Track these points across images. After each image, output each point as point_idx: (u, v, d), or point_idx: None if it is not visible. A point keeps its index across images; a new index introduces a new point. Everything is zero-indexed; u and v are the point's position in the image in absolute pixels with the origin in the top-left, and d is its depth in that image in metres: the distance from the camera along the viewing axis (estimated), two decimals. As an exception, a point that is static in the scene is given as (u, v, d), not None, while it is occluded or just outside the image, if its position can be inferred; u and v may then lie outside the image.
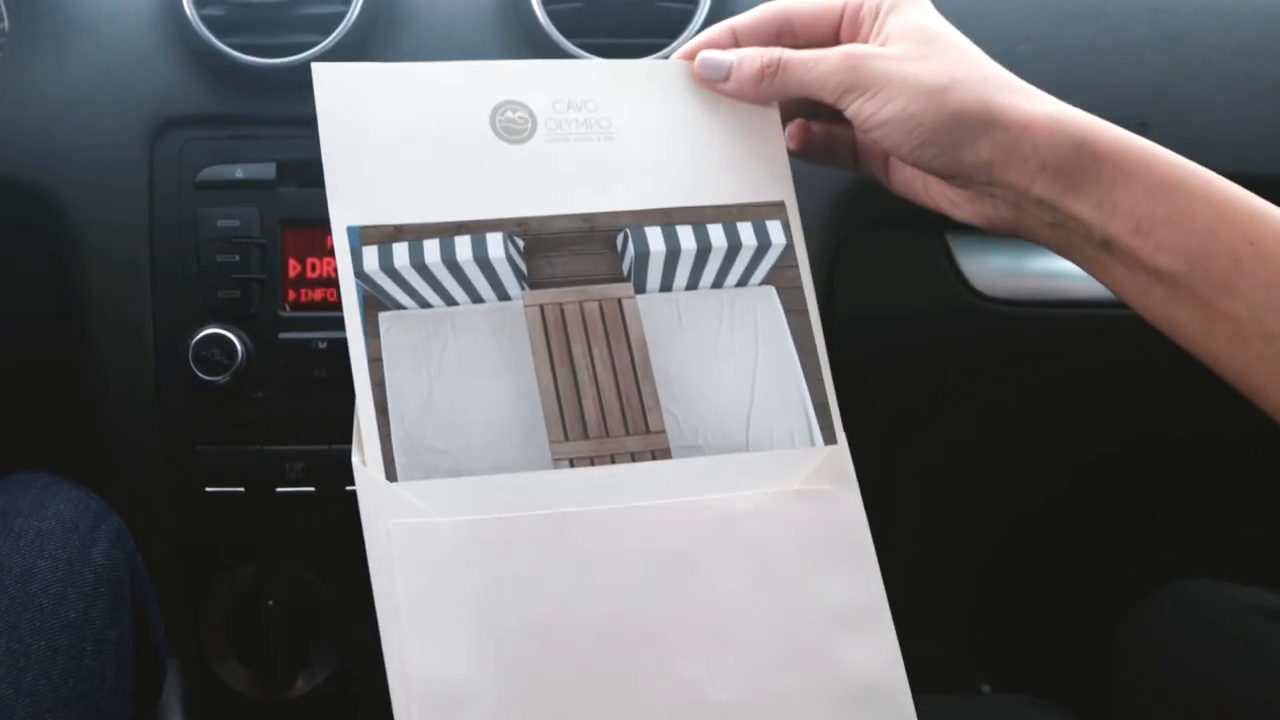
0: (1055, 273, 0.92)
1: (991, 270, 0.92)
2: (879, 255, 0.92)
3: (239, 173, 0.84)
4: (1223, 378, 0.51)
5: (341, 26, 0.82)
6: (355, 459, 0.51)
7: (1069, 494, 1.15)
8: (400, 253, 0.54)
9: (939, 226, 0.92)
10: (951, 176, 0.54)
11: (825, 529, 0.54)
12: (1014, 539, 1.17)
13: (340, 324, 0.53)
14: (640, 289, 0.56)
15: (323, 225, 0.54)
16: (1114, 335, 0.92)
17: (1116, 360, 0.97)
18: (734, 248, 0.57)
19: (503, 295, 0.55)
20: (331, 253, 0.54)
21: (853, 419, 0.57)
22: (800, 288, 0.58)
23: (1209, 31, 0.89)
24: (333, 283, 0.83)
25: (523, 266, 0.55)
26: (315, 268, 0.84)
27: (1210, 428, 1.04)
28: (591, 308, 0.56)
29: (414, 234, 0.54)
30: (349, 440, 0.52)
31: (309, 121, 0.54)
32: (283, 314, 0.84)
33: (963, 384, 1.02)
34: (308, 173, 0.82)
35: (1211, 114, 0.87)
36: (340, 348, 0.54)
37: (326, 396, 0.83)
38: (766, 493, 0.54)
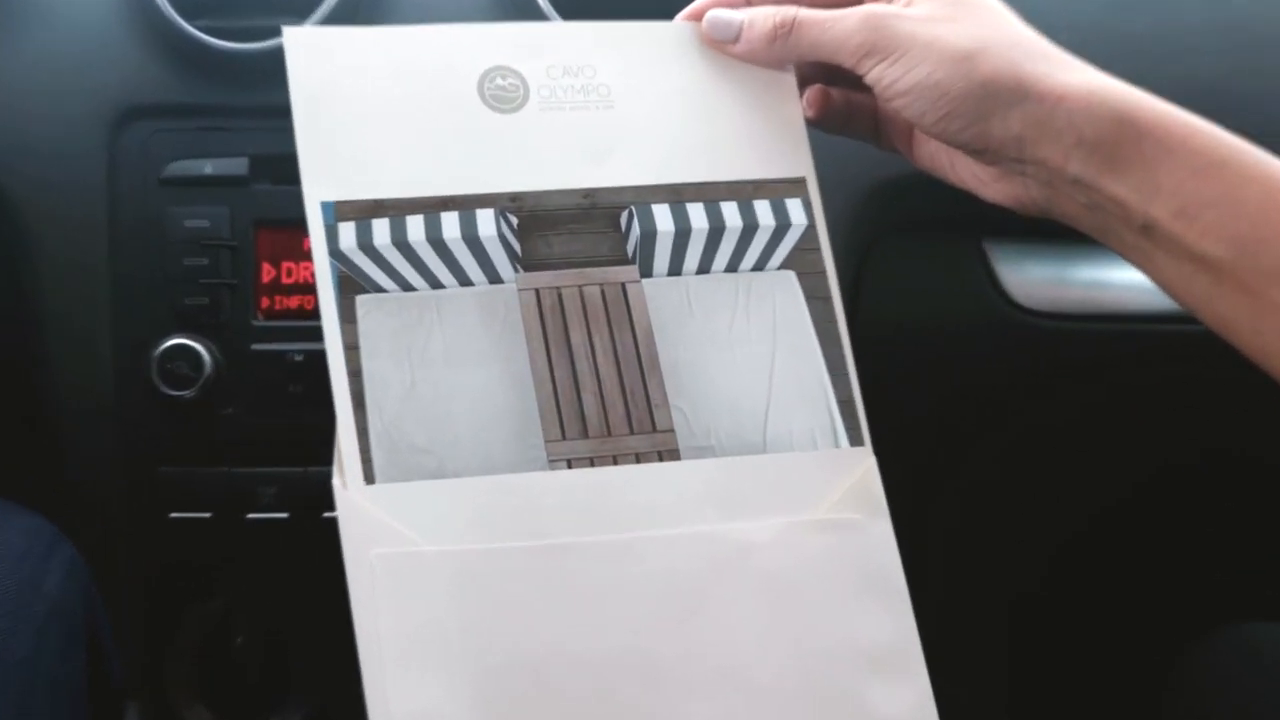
0: (1102, 283, 0.92)
1: (1032, 280, 0.92)
2: (909, 262, 0.92)
3: (208, 168, 0.84)
4: (1274, 376, 0.51)
5: (321, 9, 0.82)
6: (335, 481, 0.51)
7: (1118, 525, 1.14)
8: (380, 230, 0.54)
9: (975, 231, 0.92)
10: (979, 152, 0.54)
11: (851, 561, 0.54)
12: (1054, 574, 1.17)
13: (319, 334, 0.53)
14: (646, 272, 0.56)
15: (299, 226, 0.53)
16: (1168, 352, 0.92)
17: (1172, 378, 0.97)
18: (750, 228, 0.57)
19: (494, 278, 0.55)
20: (309, 256, 0.54)
21: (879, 440, 0.56)
22: (823, 273, 0.57)
23: (1274, 20, 0.88)
24: (310, 289, 0.83)
25: (516, 246, 0.55)
26: (291, 273, 0.84)
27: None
28: (592, 292, 0.55)
29: (396, 209, 0.54)
30: (326, 462, 0.52)
31: (285, 112, 0.54)
32: (255, 323, 0.84)
33: (999, 404, 1.02)
34: (283, 168, 0.82)
35: (1276, 110, 0.87)
36: (319, 361, 0.54)
37: (302, 414, 0.83)
38: (787, 522, 0.53)
